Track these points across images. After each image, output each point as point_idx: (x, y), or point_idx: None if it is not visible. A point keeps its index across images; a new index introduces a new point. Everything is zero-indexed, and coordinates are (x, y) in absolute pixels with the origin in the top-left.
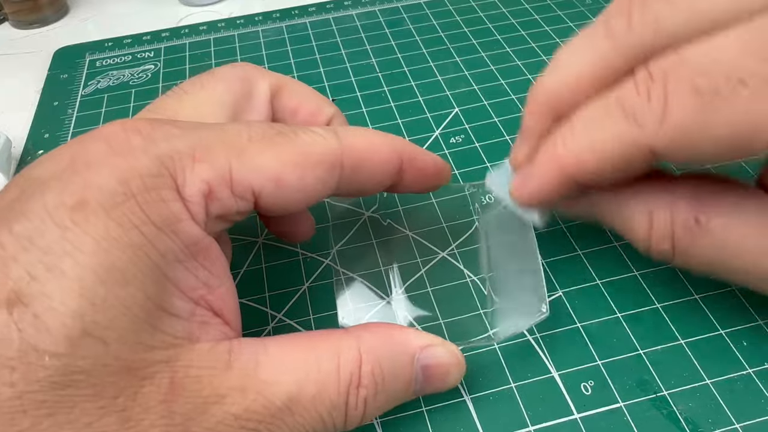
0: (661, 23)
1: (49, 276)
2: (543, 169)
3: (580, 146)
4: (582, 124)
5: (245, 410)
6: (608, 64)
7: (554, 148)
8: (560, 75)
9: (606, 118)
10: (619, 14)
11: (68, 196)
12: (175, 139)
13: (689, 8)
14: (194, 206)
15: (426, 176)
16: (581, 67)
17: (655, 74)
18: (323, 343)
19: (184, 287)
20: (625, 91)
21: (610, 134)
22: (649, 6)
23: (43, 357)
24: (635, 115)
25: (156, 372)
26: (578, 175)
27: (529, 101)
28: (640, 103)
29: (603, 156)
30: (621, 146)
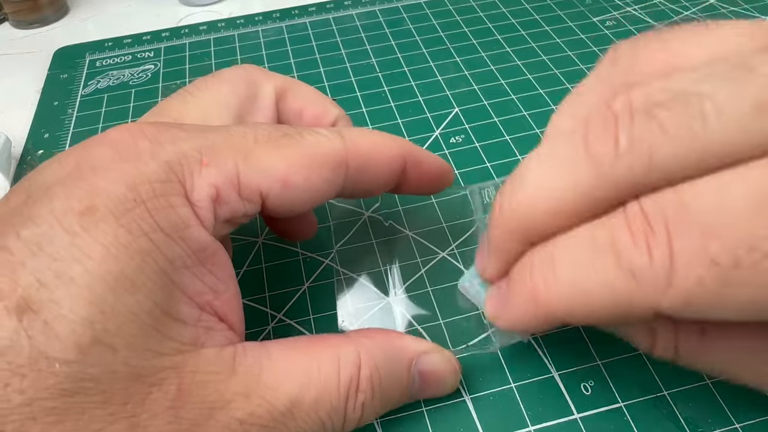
0: (655, 157)
1: (58, 283)
2: (521, 303)
3: (564, 290)
4: (564, 261)
5: (250, 415)
6: (591, 195)
7: (532, 281)
8: (534, 199)
9: (594, 262)
10: (603, 136)
11: (77, 201)
12: (181, 143)
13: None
14: (202, 211)
15: (429, 178)
16: (559, 194)
17: (653, 220)
18: (323, 348)
19: (191, 293)
20: (617, 233)
21: (599, 284)
22: (639, 132)
23: (54, 364)
24: (633, 270)
25: (164, 378)
26: (563, 319)
27: (497, 217)
28: (638, 257)
29: (592, 306)
30: (614, 300)
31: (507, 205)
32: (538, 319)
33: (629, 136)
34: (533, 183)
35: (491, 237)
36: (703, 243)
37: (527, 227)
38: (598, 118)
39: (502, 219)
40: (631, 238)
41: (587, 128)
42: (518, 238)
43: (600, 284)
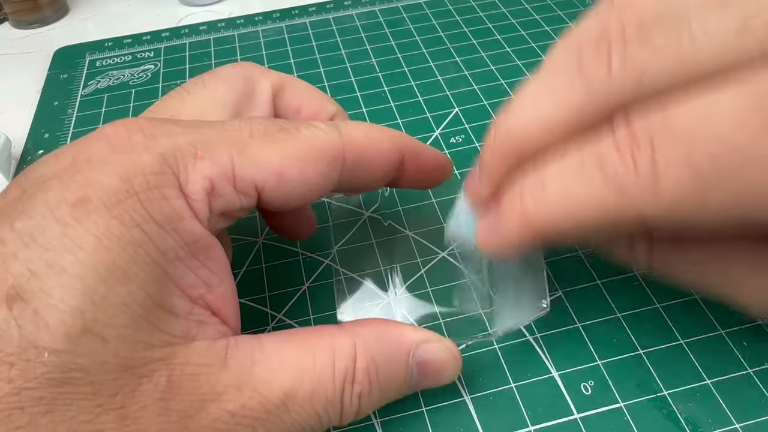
0: (645, 75)
1: (49, 272)
2: (511, 224)
3: (552, 205)
4: (554, 179)
5: (242, 407)
6: (582, 111)
7: (522, 203)
8: (526, 117)
9: (582, 177)
10: (596, 57)
11: (70, 193)
12: (176, 137)
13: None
14: (197, 203)
15: (427, 171)
16: (551, 112)
17: (640, 136)
18: (318, 340)
19: (184, 285)
20: (604, 149)
21: (587, 196)
22: (631, 52)
23: (42, 354)
24: (619, 183)
25: (154, 370)
26: (550, 234)
27: (492, 140)
28: (624, 170)
29: (579, 218)
30: (601, 211)
31: (502, 128)
32: (527, 237)
33: (621, 56)
34: (527, 105)
35: (485, 160)
36: (684, 150)
37: (518, 144)
38: (591, 43)
39: (497, 142)
40: (618, 153)
41: (580, 51)
42: (510, 157)
43: (588, 197)
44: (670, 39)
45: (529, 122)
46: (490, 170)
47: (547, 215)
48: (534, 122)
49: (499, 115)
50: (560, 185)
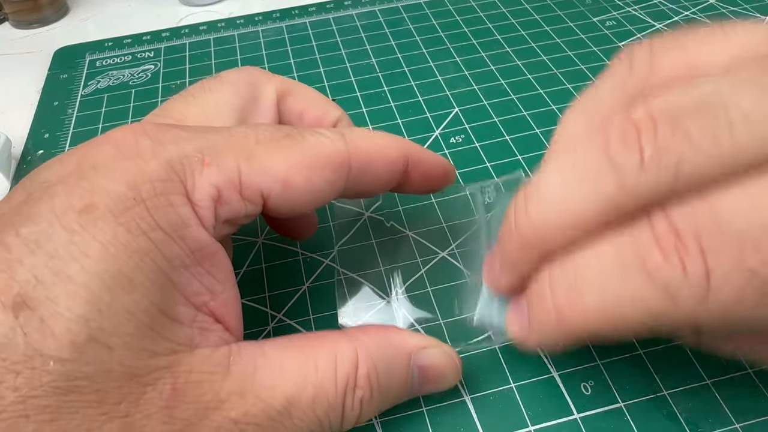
0: (681, 166)
1: (55, 280)
2: (547, 327)
3: (590, 309)
4: (589, 280)
5: (244, 414)
6: (614, 205)
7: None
8: (551, 210)
9: (622, 278)
10: (625, 145)
11: (76, 199)
12: (183, 143)
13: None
14: (203, 210)
15: (431, 177)
16: (578, 206)
17: (683, 232)
18: (320, 346)
19: (189, 293)
20: (644, 246)
21: (629, 298)
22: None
23: (48, 362)
24: (667, 287)
25: (158, 378)
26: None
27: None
28: (672, 274)
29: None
30: (645, 314)
31: (523, 218)
32: (564, 338)
33: (654, 145)
34: (551, 194)
35: (505, 250)
36: (740, 255)
37: (545, 240)
38: (618, 127)
39: (518, 232)
40: (662, 254)
41: (607, 138)
42: (535, 252)
43: (631, 302)
44: (706, 129)
45: (555, 216)
46: (513, 264)
47: (584, 317)
48: (560, 216)
49: (516, 201)
50: (597, 285)
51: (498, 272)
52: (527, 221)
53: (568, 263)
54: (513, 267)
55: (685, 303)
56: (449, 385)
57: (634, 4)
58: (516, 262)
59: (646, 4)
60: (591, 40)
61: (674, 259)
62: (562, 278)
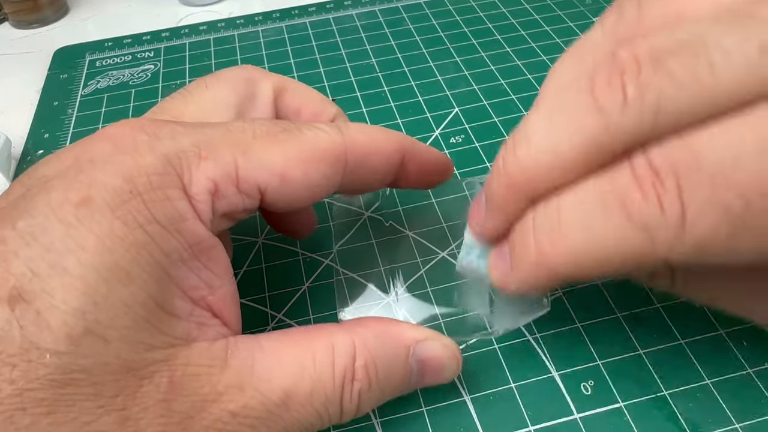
0: (663, 104)
1: (51, 273)
2: (527, 267)
3: (571, 247)
4: (571, 219)
5: (243, 407)
6: (598, 146)
7: (537, 244)
8: (538, 150)
9: (602, 217)
10: (609, 87)
11: (73, 193)
12: (180, 137)
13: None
14: (200, 204)
15: (428, 171)
16: (565, 145)
17: (662, 171)
18: (318, 338)
19: (186, 287)
20: (625, 186)
21: (610, 237)
22: (647, 80)
23: (44, 355)
24: (645, 223)
25: (155, 371)
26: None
27: (500, 173)
28: (649, 211)
29: (600, 259)
30: (625, 252)
31: (510, 160)
32: (546, 279)
33: (637, 84)
34: (538, 136)
35: (492, 194)
36: (714, 190)
37: (531, 182)
38: (603, 69)
39: (505, 175)
40: (641, 192)
41: (593, 80)
42: (521, 195)
43: (611, 240)
44: (687, 67)
45: (542, 156)
46: (499, 206)
47: (565, 257)
48: (547, 156)
49: (505, 145)
50: (578, 226)
51: (483, 216)
52: (515, 163)
53: (552, 205)
54: (499, 209)
55: (662, 240)
56: (449, 378)
57: None
58: (502, 205)
59: None
60: None
61: (652, 198)
62: (545, 219)
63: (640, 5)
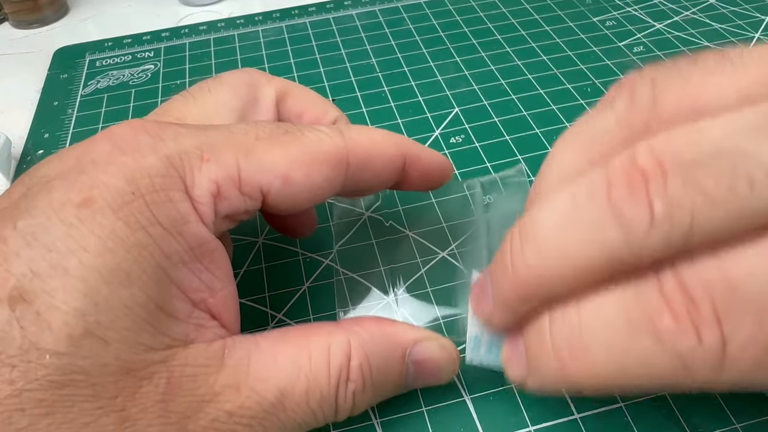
0: (696, 224)
1: (52, 273)
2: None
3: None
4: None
5: (239, 407)
6: (618, 261)
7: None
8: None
9: (629, 336)
10: (632, 198)
11: (75, 193)
12: (183, 139)
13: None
14: (203, 206)
15: (429, 174)
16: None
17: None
18: (314, 337)
19: (187, 289)
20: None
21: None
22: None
23: (44, 356)
24: (678, 351)
25: (154, 372)
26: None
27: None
28: (683, 337)
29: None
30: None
31: (519, 259)
32: (567, 388)
33: (665, 200)
34: (549, 237)
35: (500, 289)
36: (759, 323)
37: (543, 286)
38: (621, 170)
39: (514, 273)
40: (672, 316)
41: (610, 181)
42: (532, 295)
43: (639, 364)
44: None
45: (553, 263)
46: (507, 303)
47: (588, 373)
48: (558, 263)
49: (512, 238)
50: (603, 343)
51: (491, 308)
52: (523, 264)
53: (571, 312)
54: (508, 306)
55: (699, 369)
56: (446, 379)
57: (634, 4)
58: (511, 302)
59: (646, 4)
60: (591, 40)
61: (686, 324)
62: (564, 327)
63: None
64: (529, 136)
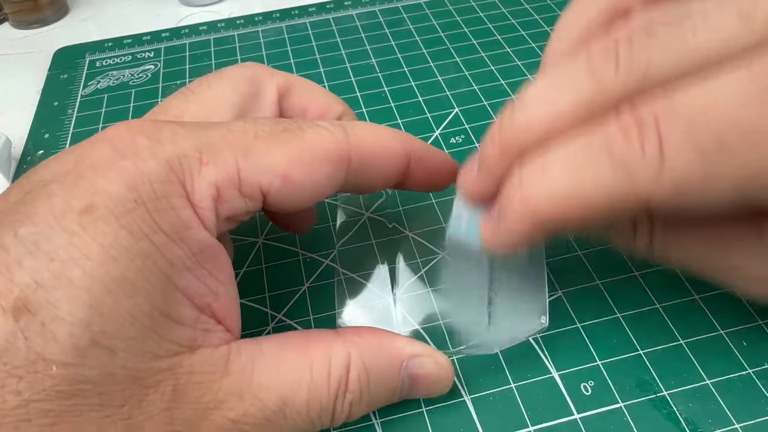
0: (651, 67)
1: (56, 284)
2: (515, 220)
3: (556, 189)
4: (557, 163)
5: (243, 414)
6: (590, 105)
7: (523, 189)
8: (533, 109)
9: (587, 160)
10: (604, 54)
11: (76, 200)
12: (181, 140)
13: (681, 48)
14: (204, 211)
15: (434, 173)
16: (557, 104)
17: (645, 120)
18: (316, 347)
19: (191, 295)
20: (611, 135)
21: (594, 183)
22: (638, 47)
23: (51, 366)
24: (626, 165)
25: (160, 380)
26: (555, 223)
27: (495, 135)
28: (631, 153)
29: (584, 203)
30: (609, 197)
31: (508, 123)
32: (532, 229)
33: (628, 50)
34: (534, 98)
35: (485, 156)
36: (690, 131)
37: (524, 138)
38: (600, 44)
39: (502, 135)
40: (624, 137)
41: (589, 52)
42: (514, 152)
43: (594, 182)
44: (673, 31)
45: (536, 114)
46: (492, 164)
47: (548, 200)
48: (540, 113)
49: (503, 112)
50: (564, 169)
51: (475, 177)
52: (511, 126)
53: (539, 157)
54: (492, 170)
55: (641, 178)
56: (440, 393)
57: None
58: (495, 164)
59: None
60: None
61: (633, 140)
62: (532, 170)
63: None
64: None
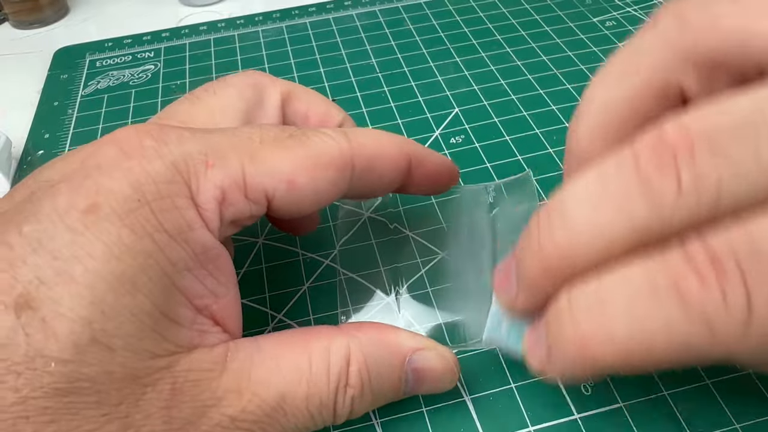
0: (723, 192)
1: (58, 281)
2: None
3: (616, 334)
4: (620, 306)
5: (241, 411)
6: (647, 232)
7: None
8: (579, 234)
9: (656, 307)
10: (659, 169)
11: (81, 199)
12: (187, 143)
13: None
14: (208, 213)
15: (435, 178)
16: (608, 230)
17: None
18: (315, 341)
19: (191, 295)
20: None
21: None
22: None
23: (49, 363)
24: (705, 316)
25: (158, 379)
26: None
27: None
28: (710, 302)
29: (650, 351)
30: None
31: (548, 241)
32: (588, 370)
33: (693, 171)
34: (579, 218)
35: (526, 271)
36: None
37: (569, 265)
38: (650, 145)
39: (543, 255)
40: (698, 278)
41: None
42: (558, 276)
43: (664, 331)
44: (747, 148)
45: (583, 241)
46: (533, 282)
47: (610, 346)
48: (588, 241)
49: (539, 220)
50: (625, 313)
51: (515, 292)
52: (552, 245)
53: (592, 286)
54: (532, 288)
55: (723, 332)
56: (446, 388)
57: (634, 4)
58: (536, 284)
59: (646, 4)
60: (591, 40)
61: (712, 284)
62: (585, 303)
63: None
64: (529, 137)
